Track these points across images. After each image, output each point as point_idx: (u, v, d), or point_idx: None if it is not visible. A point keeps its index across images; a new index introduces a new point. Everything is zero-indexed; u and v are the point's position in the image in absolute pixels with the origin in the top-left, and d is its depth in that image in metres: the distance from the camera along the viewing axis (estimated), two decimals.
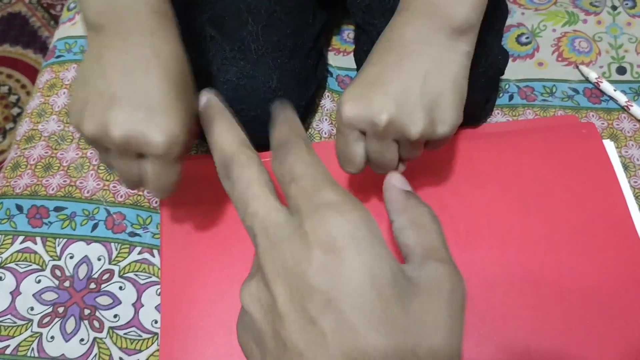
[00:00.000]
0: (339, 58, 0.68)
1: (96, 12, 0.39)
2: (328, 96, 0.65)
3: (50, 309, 0.52)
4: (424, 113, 0.40)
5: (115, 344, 0.51)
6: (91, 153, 0.60)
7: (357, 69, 0.63)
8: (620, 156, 0.60)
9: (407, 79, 0.40)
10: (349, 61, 0.66)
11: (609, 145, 0.59)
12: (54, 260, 0.54)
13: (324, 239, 0.23)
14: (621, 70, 0.66)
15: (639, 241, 0.54)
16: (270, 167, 0.29)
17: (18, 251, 0.54)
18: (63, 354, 0.50)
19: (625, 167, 0.59)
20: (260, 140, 0.51)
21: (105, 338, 0.51)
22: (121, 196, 0.58)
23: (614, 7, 0.71)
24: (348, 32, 0.70)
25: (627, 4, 0.71)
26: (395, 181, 0.35)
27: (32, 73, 1.32)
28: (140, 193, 0.58)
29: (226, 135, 0.30)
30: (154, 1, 0.40)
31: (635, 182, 0.58)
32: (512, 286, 0.52)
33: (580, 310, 0.51)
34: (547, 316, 0.51)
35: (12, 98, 1.28)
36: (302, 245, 0.23)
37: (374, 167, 0.45)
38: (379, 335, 0.22)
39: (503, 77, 0.64)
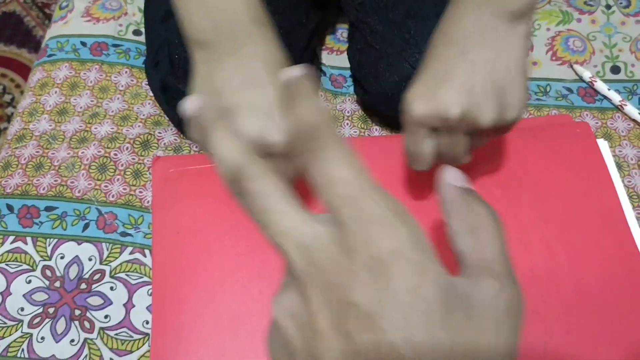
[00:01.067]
0: (333, 57, 0.68)
1: (201, 30, 0.42)
2: (321, 96, 0.65)
3: (40, 310, 0.51)
4: (494, 101, 0.40)
5: (106, 344, 0.50)
6: (82, 152, 0.60)
7: (351, 67, 0.62)
8: (614, 155, 0.60)
9: (473, 69, 0.40)
10: (343, 60, 0.66)
11: (602, 144, 0.59)
12: (44, 260, 0.54)
13: (370, 256, 0.22)
14: (615, 70, 0.66)
15: (632, 240, 0.54)
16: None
17: (8, 251, 0.54)
18: (53, 355, 0.50)
19: (619, 167, 0.59)
20: None
21: (96, 339, 0.50)
22: (113, 196, 0.57)
23: (609, 6, 0.71)
24: (342, 31, 0.70)
25: (621, 3, 0.71)
26: (451, 178, 0.33)
27: (26, 72, 1.32)
28: (132, 193, 0.58)
29: (227, 145, 0.25)
30: (252, 11, 0.41)
31: (629, 181, 0.58)
32: None
33: (573, 309, 0.51)
34: (539, 315, 0.50)
35: (7, 97, 1.28)
36: (346, 261, 0.22)
37: (442, 160, 0.44)
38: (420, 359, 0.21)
39: None
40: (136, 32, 0.69)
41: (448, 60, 0.41)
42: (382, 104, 0.50)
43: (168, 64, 0.57)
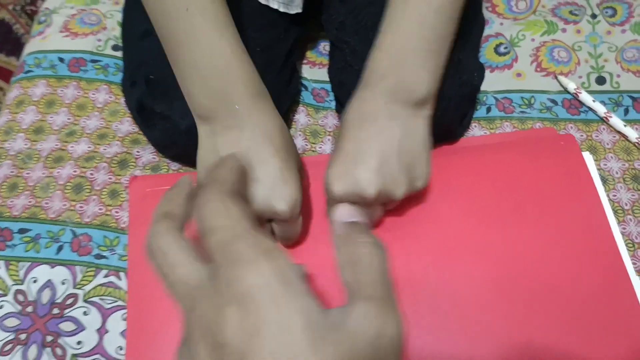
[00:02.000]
0: (315, 71, 0.67)
1: (203, 107, 0.46)
2: (303, 110, 0.64)
3: (12, 336, 0.50)
4: (404, 177, 0.45)
5: None
6: (58, 172, 0.58)
7: (332, 86, 0.61)
8: (599, 169, 0.59)
9: (384, 151, 0.45)
10: (325, 73, 0.65)
11: (587, 158, 0.58)
12: (17, 284, 0.52)
13: (238, 294, 0.23)
14: (600, 80, 0.65)
15: (618, 255, 0.53)
16: None
17: None
18: None
19: (604, 180, 0.58)
20: None
21: None
22: (88, 217, 0.56)
23: (594, 16, 0.70)
24: (324, 44, 0.69)
25: (607, 12, 0.70)
26: (338, 215, 0.37)
27: None
28: (108, 213, 0.56)
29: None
30: (251, 88, 0.46)
31: (614, 195, 0.57)
32: (489, 302, 0.50)
33: (559, 324, 0.49)
34: (526, 331, 0.49)
35: None
36: (217, 301, 0.23)
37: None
38: None
39: (480, 88, 0.63)
40: (115, 47, 0.68)
41: (361, 142, 0.45)
42: None
43: (144, 84, 0.56)
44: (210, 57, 0.45)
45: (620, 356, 0.48)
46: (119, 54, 0.67)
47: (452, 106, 0.54)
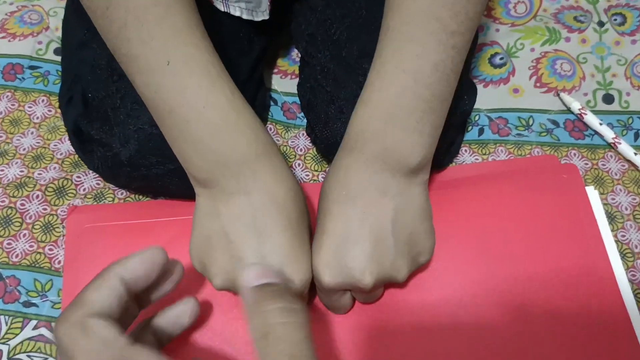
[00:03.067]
0: (286, 82, 0.59)
1: (201, 170, 0.38)
2: (270, 129, 0.56)
3: None
4: (404, 257, 0.39)
5: None
6: None
7: (301, 106, 0.53)
8: (605, 203, 0.52)
9: (376, 232, 0.38)
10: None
11: (592, 193, 0.51)
12: None
13: None
14: (608, 99, 0.58)
15: (623, 307, 0.46)
16: None
17: None
18: None
19: (612, 218, 0.51)
20: (180, 194, 0.41)
21: None
22: (16, 256, 0.48)
23: (601, 23, 0.62)
24: (297, 52, 0.61)
25: (615, 20, 0.62)
26: (245, 279, 0.33)
27: None
28: (41, 251, 0.49)
29: None
30: (255, 142, 0.38)
31: (623, 235, 0.50)
32: (487, 347, 0.44)
33: None
34: None
35: None
36: None
37: (361, 303, 0.45)
38: None
39: None
40: (57, 51, 0.59)
41: (350, 222, 0.38)
42: (334, 153, 0.42)
43: (81, 103, 0.48)
44: (203, 115, 0.36)
45: None
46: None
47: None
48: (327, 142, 0.48)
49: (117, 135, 0.45)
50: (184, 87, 0.36)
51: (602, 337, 0.45)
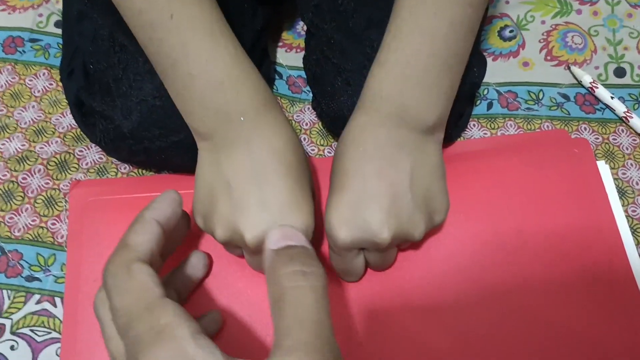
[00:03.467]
0: (291, 55, 0.58)
1: (203, 124, 0.39)
2: None
3: None
4: (421, 213, 0.39)
5: None
6: None
7: (307, 79, 0.52)
8: (616, 178, 0.51)
9: (394, 186, 0.38)
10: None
11: (603, 168, 0.50)
12: None
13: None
14: (620, 72, 0.56)
15: (634, 283, 0.46)
16: None
17: None
18: None
19: (622, 193, 0.50)
20: (185, 168, 0.40)
21: None
22: (18, 230, 0.48)
23: None
24: (303, 24, 0.60)
25: None
26: (272, 242, 0.34)
27: None
28: (43, 225, 0.48)
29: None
30: (257, 96, 0.39)
31: (634, 210, 0.49)
32: (493, 322, 0.44)
33: (564, 345, 0.43)
34: (523, 350, 0.43)
35: None
36: None
37: (374, 269, 0.44)
38: None
39: None
40: (58, 24, 0.58)
41: (366, 177, 0.37)
42: (340, 127, 0.41)
43: (82, 76, 0.47)
44: (206, 70, 0.37)
45: None
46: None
47: None
48: (334, 115, 0.47)
49: (119, 107, 0.44)
50: (187, 42, 0.37)
51: (612, 311, 0.44)
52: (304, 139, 0.53)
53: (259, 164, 0.38)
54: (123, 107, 0.44)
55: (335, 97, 0.46)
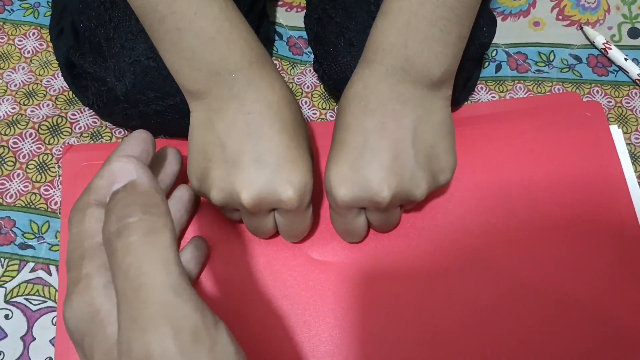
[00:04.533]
0: (292, 15, 0.56)
1: (193, 82, 0.37)
2: (276, 64, 0.53)
3: None
4: (424, 172, 0.37)
5: None
6: None
7: (308, 40, 0.50)
8: (629, 143, 0.49)
9: (396, 142, 0.36)
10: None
11: (616, 132, 0.48)
12: None
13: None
14: (634, 33, 0.54)
15: None
16: None
17: None
18: None
19: (635, 158, 0.48)
20: (181, 132, 0.42)
21: None
22: (10, 196, 0.46)
23: None
24: None
25: None
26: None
27: None
28: (36, 191, 0.47)
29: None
30: (249, 51, 0.37)
31: None
32: (501, 287, 0.43)
33: (573, 312, 0.42)
34: (532, 319, 0.42)
35: None
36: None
37: (377, 230, 0.43)
38: None
39: None
40: None
41: (367, 133, 0.36)
42: (342, 90, 0.39)
43: (72, 35, 0.45)
44: (195, 24, 0.35)
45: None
46: None
47: None
48: (336, 77, 0.45)
49: (111, 69, 0.42)
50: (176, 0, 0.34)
51: (623, 273, 0.43)
52: (306, 102, 0.51)
53: (253, 120, 0.36)
54: (116, 68, 0.42)
55: (338, 58, 0.43)
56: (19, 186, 0.47)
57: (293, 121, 0.37)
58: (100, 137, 0.49)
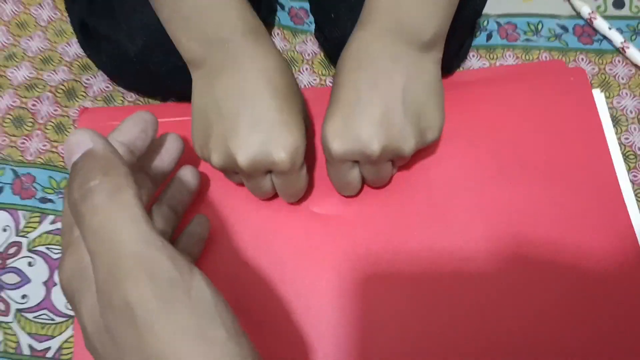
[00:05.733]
0: None
1: (192, 50, 0.40)
2: (278, 34, 0.56)
3: None
4: (412, 128, 0.39)
5: (23, 329, 0.44)
6: None
7: (310, 7, 0.53)
8: (611, 107, 0.52)
9: (386, 99, 0.38)
10: None
11: (598, 97, 0.51)
12: None
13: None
14: (619, 4, 0.57)
15: (623, 204, 0.47)
16: None
17: None
18: None
19: (616, 121, 0.51)
20: (189, 95, 0.43)
21: (12, 322, 0.44)
22: (31, 154, 0.50)
23: None
24: None
25: None
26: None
27: None
28: (54, 150, 0.50)
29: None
30: (244, 21, 0.39)
31: (627, 138, 0.51)
32: (483, 247, 0.46)
33: (559, 273, 0.45)
34: (523, 278, 0.45)
35: None
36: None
37: (370, 184, 0.46)
38: None
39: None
40: None
41: (360, 90, 0.39)
42: None
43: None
44: None
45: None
46: None
47: (449, 34, 0.46)
48: (336, 42, 0.47)
49: (123, 30, 0.45)
50: None
51: (600, 232, 0.46)
52: (306, 69, 0.54)
53: (248, 85, 0.38)
54: (127, 30, 0.44)
55: (339, 23, 0.46)
56: (38, 145, 0.50)
57: (286, 87, 0.40)
58: (113, 100, 0.52)
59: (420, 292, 0.44)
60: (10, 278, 0.46)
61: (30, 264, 0.46)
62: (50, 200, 0.48)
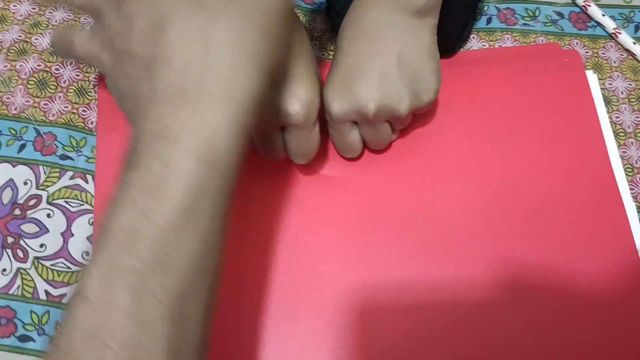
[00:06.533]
0: None
1: None
2: None
3: None
4: (407, 89, 0.42)
5: (40, 275, 0.47)
6: (21, 65, 0.54)
7: None
8: (603, 88, 0.55)
9: (382, 62, 0.42)
10: None
11: (591, 77, 0.54)
12: None
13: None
14: None
15: (614, 181, 0.50)
16: None
17: None
18: None
19: (608, 101, 0.54)
20: None
21: (30, 269, 0.47)
22: (53, 115, 0.52)
23: None
24: None
25: None
26: None
27: None
28: (75, 111, 0.52)
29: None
30: None
31: (617, 117, 0.54)
32: (478, 222, 0.48)
33: (549, 245, 0.48)
34: (515, 253, 0.47)
35: None
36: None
37: (370, 146, 0.48)
38: None
39: None
40: None
41: (358, 54, 0.42)
42: None
43: None
44: None
45: (608, 276, 0.46)
46: None
47: (452, 15, 0.49)
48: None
49: None
50: None
51: (592, 210, 0.49)
52: (315, 44, 0.57)
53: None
54: None
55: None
56: (60, 106, 0.53)
57: (300, 44, 0.41)
58: None
59: (426, 247, 0.47)
60: (30, 228, 0.48)
61: (49, 216, 0.48)
62: (70, 158, 0.51)
